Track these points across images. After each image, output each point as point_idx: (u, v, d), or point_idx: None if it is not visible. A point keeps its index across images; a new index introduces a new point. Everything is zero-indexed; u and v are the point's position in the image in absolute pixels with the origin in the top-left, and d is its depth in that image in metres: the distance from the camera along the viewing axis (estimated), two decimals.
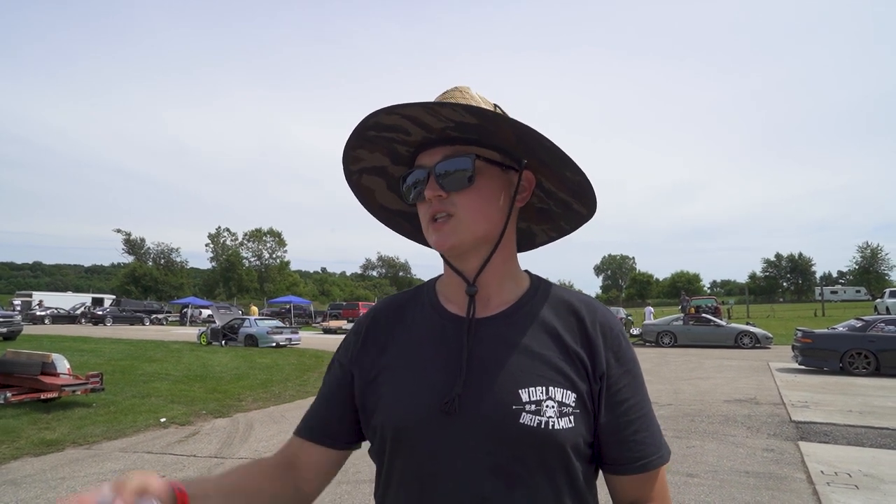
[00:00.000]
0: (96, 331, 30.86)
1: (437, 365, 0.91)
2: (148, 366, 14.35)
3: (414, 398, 0.89)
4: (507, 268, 0.98)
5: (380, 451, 0.94)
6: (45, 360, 8.90)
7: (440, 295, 1.01)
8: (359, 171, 1.01)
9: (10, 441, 6.84)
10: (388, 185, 1.05)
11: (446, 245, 0.91)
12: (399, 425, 0.89)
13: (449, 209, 0.90)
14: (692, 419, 8.32)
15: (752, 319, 35.58)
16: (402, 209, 1.09)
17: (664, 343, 22.13)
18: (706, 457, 6.30)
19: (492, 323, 0.94)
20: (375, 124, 0.91)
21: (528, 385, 0.87)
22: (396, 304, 1.03)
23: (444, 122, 0.89)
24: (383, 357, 0.96)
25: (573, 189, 1.00)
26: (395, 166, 1.00)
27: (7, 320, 21.96)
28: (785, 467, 5.91)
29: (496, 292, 0.97)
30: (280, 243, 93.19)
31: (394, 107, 0.87)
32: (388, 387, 0.93)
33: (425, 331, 0.96)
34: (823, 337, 14.01)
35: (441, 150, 0.92)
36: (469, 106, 0.85)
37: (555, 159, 0.93)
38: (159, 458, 6.41)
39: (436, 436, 0.86)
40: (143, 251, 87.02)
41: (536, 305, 0.96)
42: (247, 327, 21.92)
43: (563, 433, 0.85)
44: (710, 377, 13.04)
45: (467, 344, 0.90)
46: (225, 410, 9.12)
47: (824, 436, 7.29)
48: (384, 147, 0.96)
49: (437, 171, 0.91)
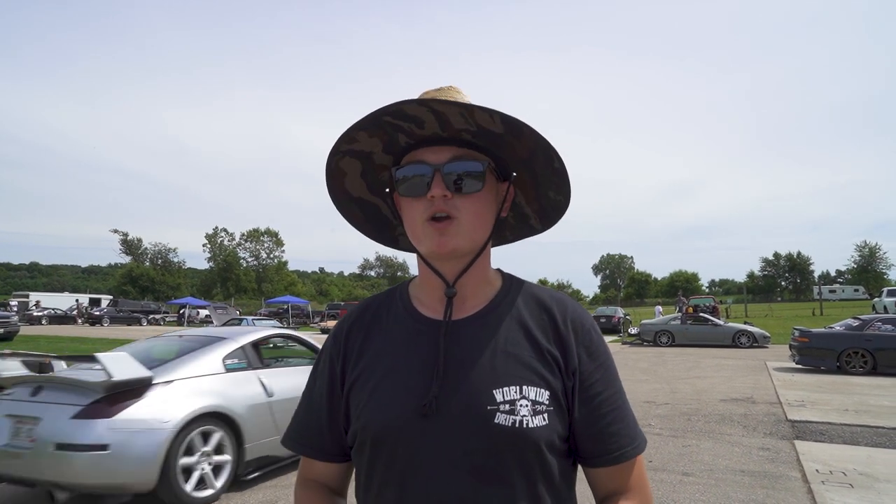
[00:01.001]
0: (93, 331, 30.83)
1: (414, 368, 0.92)
2: None
3: (392, 402, 0.90)
4: (484, 271, 1.00)
5: (360, 453, 0.94)
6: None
7: (413, 298, 1.01)
8: (346, 151, 0.98)
9: None
10: (362, 170, 1.03)
11: (447, 247, 0.91)
12: (379, 429, 0.90)
13: (451, 211, 0.90)
14: (688, 418, 8.34)
15: (750, 319, 35.66)
16: (363, 197, 1.07)
17: (662, 342, 22.17)
18: (702, 456, 6.32)
19: (467, 324, 0.95)
20: (397, 111, 0.89)
21: (503, 385, 0.88)
22: (371, 309, 1.04)
23: (467, 125, 0.90)
24: (361, 362, 0.97)
25: (543, 207, 1.05)
26: (383, 154, 1.00)
27: (4, 321, 21.95)
28: (780, 466, 5.92)
29: (472, 294, 0.98)
30: (277, 243, 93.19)
31: (432, 101, 0.86)
32: (366, 391, 0.93)
33: (401, 334, 0.97)
34: (820, 336, 14.05)
35: (450, 150, 0.92)
36: (506, 115, 0.87)
37: (551, 178, 0.98)
38: None
39: (415, 438, 0.88)
40: (140, 251, 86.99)
41: (509, 305, 0.98)
42: None
43: (536, 431, 0.87)
44: (707, 376, 13.07)
45: (443, 346, 0.91)
46: None
47: (820, 435, 7.31)
48: (386, 134, 0.95)
49: (446, 170, 0.91)
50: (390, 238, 1.15)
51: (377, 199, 1.08)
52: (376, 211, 1.09)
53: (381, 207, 1.09)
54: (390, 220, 1.11)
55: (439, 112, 0.88)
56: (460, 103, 0.86)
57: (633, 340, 24.31)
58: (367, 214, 1.09)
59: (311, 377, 1.06)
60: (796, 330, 14.66)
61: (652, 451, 6.54)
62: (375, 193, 1.06)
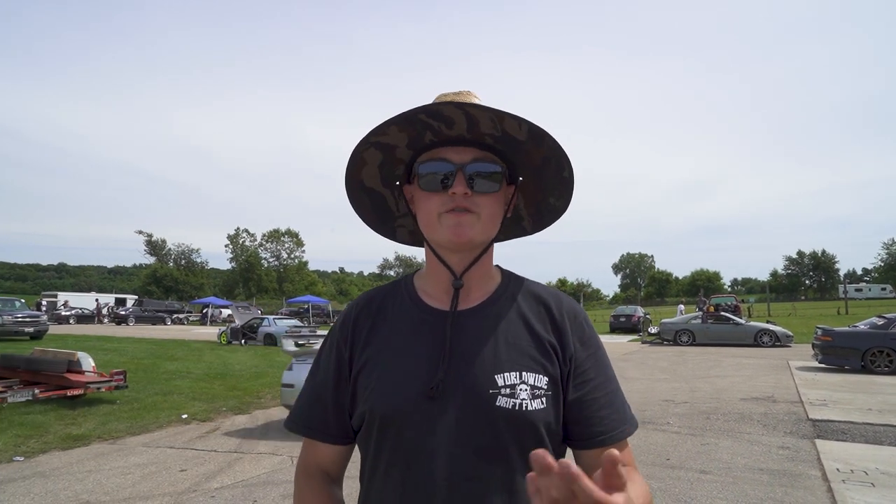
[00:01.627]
0: (119, 330, 31.44)
1: (421, 354, 0.99)
2: (170, 364, 14.62)
3: (400, 386, 0.97)
4: (488, 266, 1.08)
5: (367, 437, 1.01)
6: (70, 358, 9.14)
7: (419, 290, 1.08)
8: (374, 143, 1.03)
9: (39, 436, 7.06)
10: (381, 162, 1.08)
11: (464, 237, 0.98)
12: (386, 412, 0.97)
13: (471, 207, 0.98)
14: (707, 417, 8.31)
15: (773, 318, 35.15)
16: (374, 187, 1.12)
17: (682, 342, 21.99)
18: (720, 454, 6.31)
19: (470, 314, 1.02)
20: (435, 111, 0.96)
21: (504, 370, 0.96)
22: (377, 299, 1.10)
23: (493, 130, 0.99)
24: (367, 349, 1.03)
25: (539, 211, 1.14)
26: (405, 149, 1.06)
27: (34, 320, 22.48)
28: (800, 465, 5.89)
29: (476, 287, 1.05)
30: (298, 243, 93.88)
31: (468, 104, 0.93)
32: (374, 376, 1.00)
33: (407, 323, 1.04)
34: (844, 335, 13.84)
35: (472, 151, 1.00)
36: (533, 125, 0.95)
37: (557, 185, 1.07)
38: (181, 452, 6.57)
39: (421, 420, 0.95)
40: (164, 252, 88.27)
41: (509, 298, 1.05)
42: (266, 326, 22.21)
43: (535, 413, 0.94)
44: (727, 375, 12.96)
45: (449, 334, 0.99)
46: (244, 407, 9.30)
47: (842, 434, 7.24)
48: (415, 130, 1.01)
49: (468, 170, 0.98)
50: (390, 229, 1.20)
51: (386, 191, 1.14)
52: (382, 202, 1.16)
53: (388, 199, 1.15)
54: (393, 212, 1.17)
55: (471, 115, 0.96)
56: (494, 109, 0.93)
57: (654, 340, 24.13)
58: (374, 204, 1.15)
59: (316, 363, 1.11)
60: (819, 329, 14.47)
61: (670, 448, 6.55)
62: (386, 185, 1.13)
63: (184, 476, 5.65)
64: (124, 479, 5.55)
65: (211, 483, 5.46)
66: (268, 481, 5.51)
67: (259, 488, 5.30)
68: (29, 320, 22.16)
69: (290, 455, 6.31)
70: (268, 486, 5.38)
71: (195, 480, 5.53)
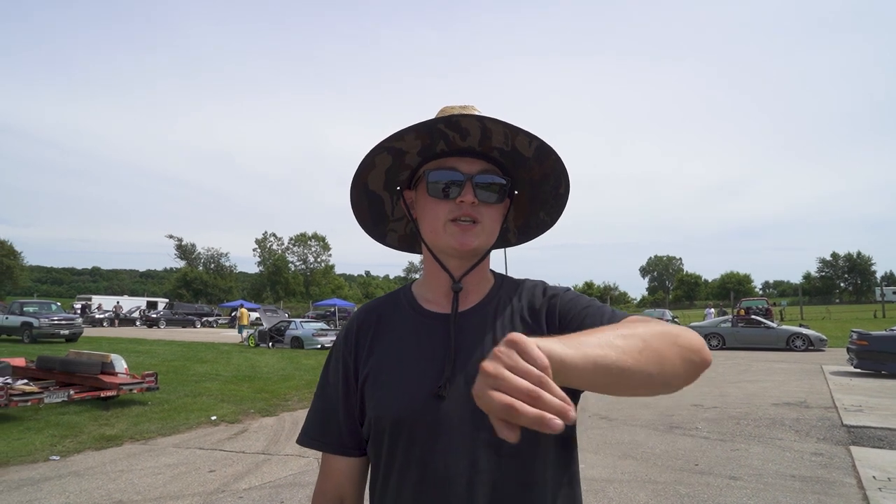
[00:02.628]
0: (151, 333, 32.11)
1: (425, 357, 1.03)
2: (199, 366, 14.88)
3: (408, 388, 1.01)
4: (485, 271, 1.13)
5: (378, 442, 1.03)
6: (104, 360, 9.37)
7: (418, 297, 1.13)
8: (389, 147, 1.06)
9: (74, 436, 7.25)
10: (389, 167, 1.11)
11: (470, 246, 1.03)
12: (397, 414, 1.00)
13: (476, 216, 1.03)
14: (738, 422, 8.15)
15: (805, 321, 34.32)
16: (375, 190, 1.16)
17: (712, 346, 21.58)
18: (751, 460, 6.19)
19: (469, 315, 1.07)
20: (455, 122, 1.00)
21: None
22: (378, 309, 1.14)
23: (503, 144, 1.04)
24: (371, 358, 1.07)
25: (527, 224, 1.20)
26: (415, 156, 1.09)
27: (69, 322, 23.10)
28: (834, 472, 5.75)
29: (473, 290, 1.10)
30: (324, 247, 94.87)
31: (485, 117, 0.97)
32: (380, 382, 1.04)
33: (409, 329, 1.08)
34: (881, 339, 13.43)
35: (480, 162, 1.05)
36: (543, 142, 1.01)
37: (550, 200, 1.13)
38: (210, 453, 6.69)
39: (431, 419, 0.97)
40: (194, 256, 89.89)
41: (503, 297, 1.11)
42: (293, 330, 22.45)
43: None
44: (758, 380, 12.70)
45: (453, 335, 1.03)
46: (272, 409, 9.41)
47: (878, 440, 7.04)
48: (429, 139, 1.05)
49: (476, 181, 1.03)
50: (381, 233, 1.23)
51: (385, 194, 1.17)
52: (380, 205, 1.19)
53: (385, 202, 1.19)
54: (387, 216, 1.21)
55: (487, 128, 1.00)
56: (509, 124, 0.98)
57: None
58: (371, 206, 1.18)
59: (323, 377, 1.14)
60: (854, 332, 14.07)
61: (699, 454, 6.44)
62: (387, 189, 1.16)
63: (213, 477, 5.75)
64: (155, 479, 5.66)
65: (239, 484, 5.54)
66: (295, 483, 5.58)
67: (286, 489, 5.37)
68: (65, 323, 22.79)
69: (315, 457, 6.37)
70: (295, 487, 5.44)
71: (224, 481, 5.62)
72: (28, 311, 22.79)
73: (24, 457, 6.35)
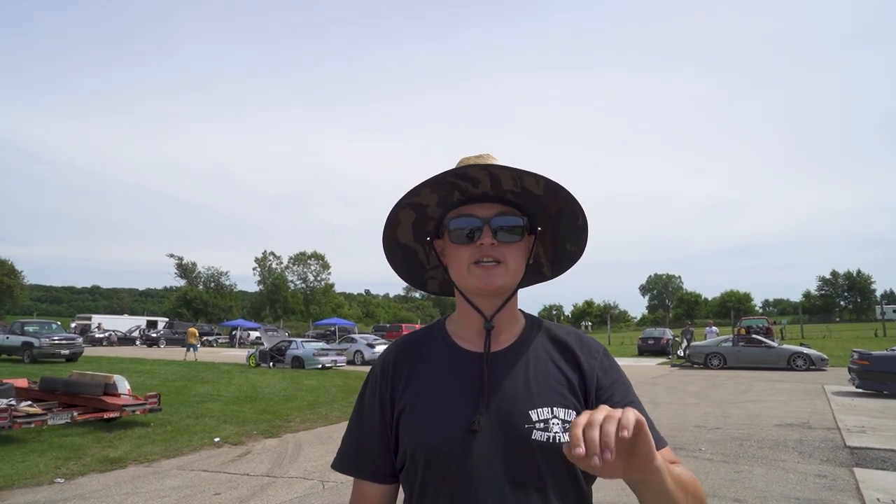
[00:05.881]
0: (151, 352, 32.02)
1: (459, 393, 1.09)
2: (201, 387, 14.86)
3: (443, 422, 1.07)
4: (514, 310, 1.19)
5: (412, 473, 1.09)
6: (107, 381, 9.38)
7: (452, 334, 1.19)
8: (408, 204, 1.15)
9: (78, 458, 7.25)
10: (414, 221, 1.20)
11: (494, 285, 1.09)
12: (431, 447, 1.06)
13: (497, 256, 1.09)
14: (741, 443, 8.16)
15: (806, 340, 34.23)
16: (407, 243, 1.25)
17: (713, 365, 21.58)
18: (754, 482, 6.20)
19: (502, 355, 1.13)
20: (462, 173, 1.07)
21: (537, 406, 1.06)
22: (414, 344, 1.21)
23: (514, 186, 1.11)
24: (408, 391, 1.13)
25: (558, 256, 1.26)
26: (436, 208, 1.18)
27: (70, 342, 23.07)
28: (838, 494, 5.76)
29: (505, 329, 1.16)
30: (324, 266, 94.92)
31: (491, 165, 1.06)
32: (417, 415, 1.10)
33: (444, 365, 1.14)
34: (882, 359, 13.45)
35: (495, 206, 1.12)
36: (549, 180, 1.08)
37: (572, 232, 1.18)
38: (215, 476, 6.69)
39: (464, 454, 1.04)
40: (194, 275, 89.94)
41: (535, 339, 1.16)
42: (294, 349, 22.42)
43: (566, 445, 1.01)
44: (760, 400, 12.69)
45: (486, 372, 1.09)
46: (275, 431, 9.41)
47: (882, 462, 7.05)
48: (444, 190, 1.13)
49: (494, 224, 1.10)
50: (420, 281, 1.33)
51: (417, 246, 1.26)
52: (414, 256, 1.28)
53: (419, 253, 1.27)
54: (424, 265, 1.30)
55: (494, 174, 1.08)
56: (514, 168, 1.06)
57: (683, 363, 23.71)
58: (406, 258, 1.27)
59: (359, 405, 1.19)
60: (855, 352, 14.09)
61: (702, 476, 6.45)
62: (418, 241, 1.25)
63: (217, 500, 5.76)
64: (160, 503, 5.67)
65: None
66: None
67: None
68: (65, 342, 22.76)
69: (320, 480, 6.38)
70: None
71: None
72: (29, 331, 22.75)
73: (28, 479, 6.35)
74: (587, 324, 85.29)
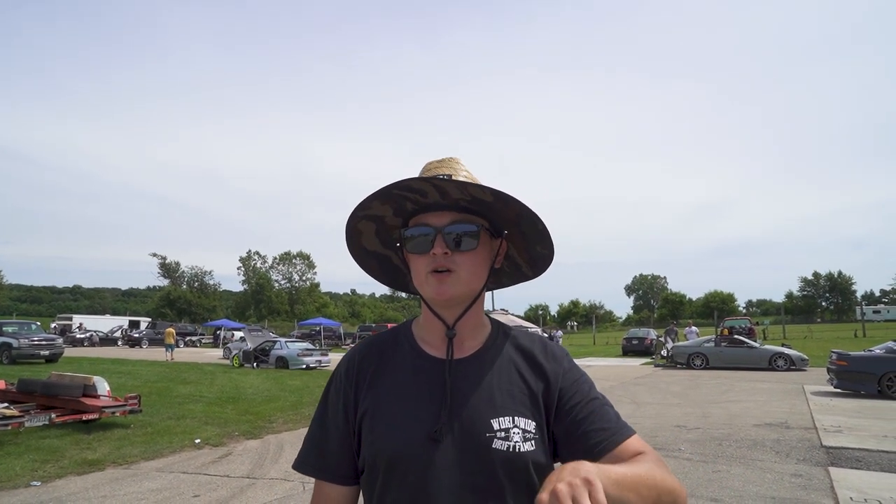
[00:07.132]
0: (133, 353, 31.69)
1: (422, 400, 1.08)
2: (183, 388, 14.73)
3: (404, 429, 1.06)
4: (478, 316, 1.18)
5: (372, 479, 1.09)
6: (86, 382, 9.27)
7: (417, 338, 1.18)
8: (362, 216, 1.16)
9: (55, 460, 7.16)
10: (376, 230, 1.20)
11: (446, 295, 1.08)
12: (392, 454, 1.06)
13: (450, 265, 1.08)
14: (720, 443, 8.25)
15: (788, 340, 34.70)
16: (377, 250, 1.25)
17: (696, 365, 21.79)
18: (732, 481, 6.27)
19: (466, 363, 1.12)
20: (405, 186, 1.07)
21: (499, 415, 1.06)
22: (379, 345, 1.19)
23: (462, 196, 1.09)
24: (370, 394, 1.12)
25: (532, 258, 1.24)
26: (393, 217, 1.18)
27: (50, 343, 22.77)
28: (812, 493, 5.85)
29: (469, 336, 1.15)
30: (309, 266, 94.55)
31: (433, 179, 1.05)
32: (378, 420, 1.09)
33: (408, 370, 1.13)
34: (860, 359, 13.67)
35: (449, 214, 1.10)
36: (495, 190, 1.05)
37: (537, 235, 1.16)
38: (194, 478, 6.64)
39: (425, 461, 1.04)
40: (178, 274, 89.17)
41: (500, 347, 1.16)
42: (278, 349, 22.31)
43: (527, 454, 1.04)
44: (741, 400, 12.85)
45: (448, 381, 1.09)
46: (256, 432, 9.35)
47: (856, 461, 7.16)
48: (395, 202, 1.13)
49: (446, 231, 1.08)
50: (402, 283, 1.31)
51: (389, 252, 1.25)
52: (388, 262, 1.28)
53: (393, 258, 1.27)
54: (401, 269, 1.27)
55: (439, 186, 1.06)
56: (457, 181, 1.05)
57: (666, 363, 23.92)
58: (382, 265, 1.28)
59: (322, 405, 1.18)
60: (834, 353, 14.29)
61: (681, 476, 6.51)
62: (388, 247, 1.24)
63: (197, 501, 5.72)
64: None
65: None
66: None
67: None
68: (45, 343, 22.47)
69: (301, 481, 6.35)
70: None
71: None
72: (7, 332, 22.42)
73: (3, 483, 6.26)
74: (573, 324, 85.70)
